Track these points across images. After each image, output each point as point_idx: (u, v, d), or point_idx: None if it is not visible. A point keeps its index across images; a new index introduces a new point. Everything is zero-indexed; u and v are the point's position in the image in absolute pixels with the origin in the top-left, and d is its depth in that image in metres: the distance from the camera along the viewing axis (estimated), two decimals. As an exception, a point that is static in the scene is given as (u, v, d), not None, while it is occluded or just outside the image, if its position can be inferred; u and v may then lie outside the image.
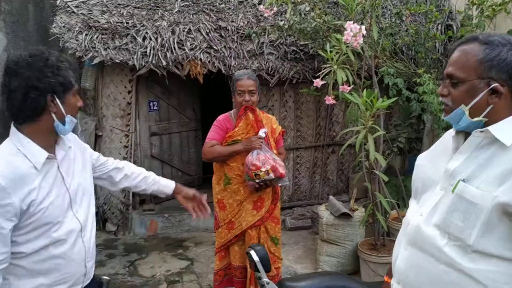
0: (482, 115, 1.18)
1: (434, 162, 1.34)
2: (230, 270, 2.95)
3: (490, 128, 1.17)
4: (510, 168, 1.10)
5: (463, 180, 1.18)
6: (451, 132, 1.33)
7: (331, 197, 4.08)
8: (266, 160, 2.68)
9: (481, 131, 1.19)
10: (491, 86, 1.16)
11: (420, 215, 1.28)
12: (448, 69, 1.23)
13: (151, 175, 1.92)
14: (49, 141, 1.47)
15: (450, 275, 1.16)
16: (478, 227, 1.12)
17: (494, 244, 1.12)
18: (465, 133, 1.25)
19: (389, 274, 1.60)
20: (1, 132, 5.35)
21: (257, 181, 2.68)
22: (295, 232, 4.65)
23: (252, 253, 1.92)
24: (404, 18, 4.32)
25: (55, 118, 1.42)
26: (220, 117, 2.94)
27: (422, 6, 4.16)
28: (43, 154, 1.42)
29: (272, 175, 2.67)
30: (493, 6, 3.89)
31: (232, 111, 2.97)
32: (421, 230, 1.24)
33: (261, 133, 2.75)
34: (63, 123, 1.45)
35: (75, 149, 1.62)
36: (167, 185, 1.91)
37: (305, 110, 4.95)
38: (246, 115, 2.80)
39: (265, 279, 1.89)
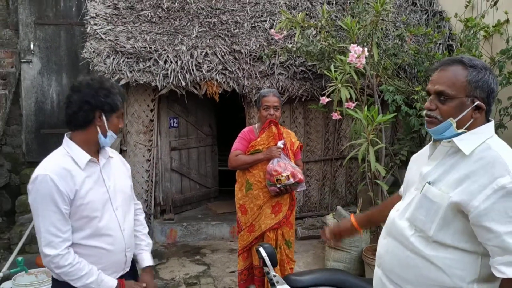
0: (465, 127, 1.37)
1: (417, 165, 1.55)
2: (252, 270, 3.21)
3: (454, 139, 1.36)
4: (466, 174, 1.32)
5: (429, 183, 1.40)
6: None
7: (338, 207, 4.32)
8: (286, 167, 2.98)
9: (448, 141, 1.39)
10: (475, 103, 1.34)
11: (397, 210, 1.52)
12: (435, 86, 1.38)
13: (143, 242, 2.04)
14: (93, 149, 1.82)
15: (415, 260, 1.40)
16: (436, 222, 1.35)
17: (450, 237, 1.34)
18: (440, 143, 1.45)
19: (357, 217, 1.87)
20: (35, 149, 5.80)
21: (278, 185, 2.96)
22: (305, 241, 4.86)
23: (261, 250, 2.16)
24: (407, 39, 4.61)
25: (99, 131, 1.77)
26: (245, 129, 3.25)
27: (420, 29, 4.44)
28: (86, 156, 1.77)
29: (292, 180, 2.97)
30: (485, 29, 4.14)
31: (256, 125, 3.28)
32: (396, 223, 1.49)
33: (280, 144, 3.06)
34: (105, 136, 1.79)
35: (116, 160, 1.95)
36: (143, 259, 2.00)
37: (314, 126, 5.25)
38: (270, 128, 3.10)
39: (272, 273, 2.12)
